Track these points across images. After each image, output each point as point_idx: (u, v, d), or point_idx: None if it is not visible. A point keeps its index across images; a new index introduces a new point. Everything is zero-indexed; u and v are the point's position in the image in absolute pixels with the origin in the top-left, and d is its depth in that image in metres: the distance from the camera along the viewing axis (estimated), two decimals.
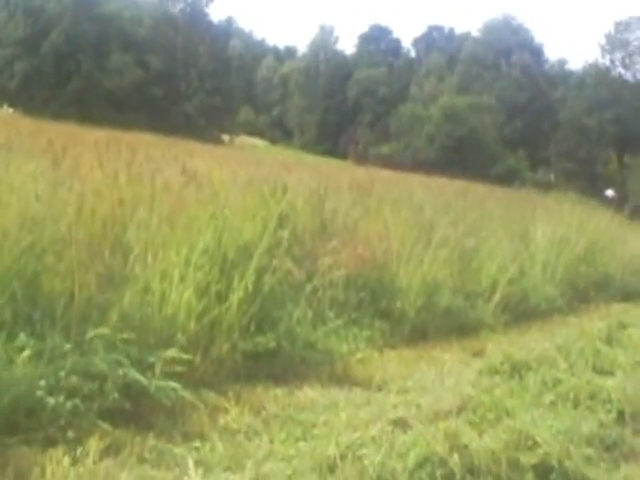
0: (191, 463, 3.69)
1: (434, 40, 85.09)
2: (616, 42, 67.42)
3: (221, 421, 4.71)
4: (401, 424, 4.56)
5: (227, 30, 69.54)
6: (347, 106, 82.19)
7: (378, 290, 7.79)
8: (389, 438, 4.20)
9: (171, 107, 50.02)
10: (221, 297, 5.56)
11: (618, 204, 25.08)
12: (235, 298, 5.57)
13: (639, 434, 5.38)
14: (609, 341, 8.08)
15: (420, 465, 3.78)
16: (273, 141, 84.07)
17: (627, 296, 13.04)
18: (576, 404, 5.55)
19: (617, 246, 14.91)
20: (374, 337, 7.22)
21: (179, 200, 6.17)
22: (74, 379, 4.20)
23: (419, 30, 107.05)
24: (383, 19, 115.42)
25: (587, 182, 57.06)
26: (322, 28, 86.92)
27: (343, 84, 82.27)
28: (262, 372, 5.64)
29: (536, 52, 74.78)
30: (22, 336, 4.26)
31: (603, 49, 68.43)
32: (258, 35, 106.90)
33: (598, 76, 67.33)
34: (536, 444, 4.14)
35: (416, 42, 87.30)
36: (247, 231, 5.99)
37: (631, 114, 62.46)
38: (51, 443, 3.93)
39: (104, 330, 4.40)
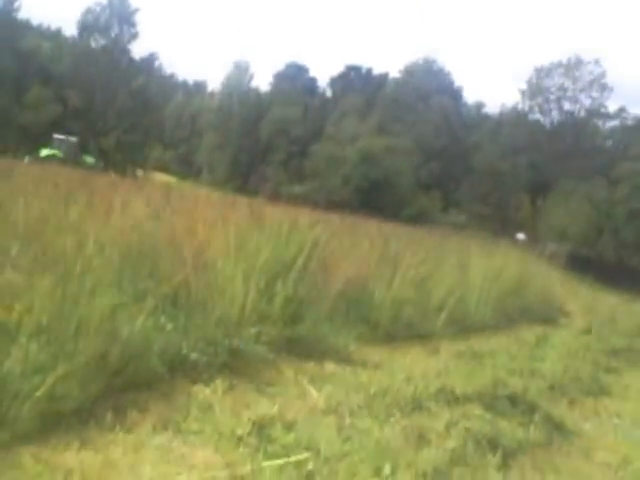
0: (311, 387, 6.14)
1: (351, 80, 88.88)
2: (536, 88, 72.49)
3: (284, 377, 7.20)
4: (411, 380, 7.21)
5: (149, 67, 71.61)
6: (260, 144, 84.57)
7: (359, 302, 10.43)
8: (411, 383, 6.84)
9: (87, 142, 51.64)
10: (269, 299, 8.10)
11: (529, 247, 28.17)
12: (279, 300, 8.12)
13: (563, 397, 8.23)
14: (538, 344, 11.15)
15: (439, 392, 6.46)
16: (180, 177, 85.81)
17: (544, 320, 16.30)
18: (521, 376, 8.38)
19: (538, 280, 18.19)
20: (358, 337, 9.77)
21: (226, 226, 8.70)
22: (201, 344, 6.64)
23: (336, 69, 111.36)
24: (300, 57, 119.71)
25: (498, 225, 61.24)
26: (237, 65, 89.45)
27: (257, 122, 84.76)
28: (296, 351, 8.11)
29: (455, 95, 79.89)
30: (163, 318, 6.64)
31: (523, 94, 73.45)
32: (167, 69, 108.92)
33: (516, 121, 72.14)
34: (507, 384, 6.91)
35: (333, 82, 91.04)
36: (288, 252, 8.57)
37: (546, 159, 67.42)
38: (194, 381, 6.35)
39: (229, 311, 6.90)
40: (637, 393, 9.54)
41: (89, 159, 44.07)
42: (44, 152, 43.13)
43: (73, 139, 47.69)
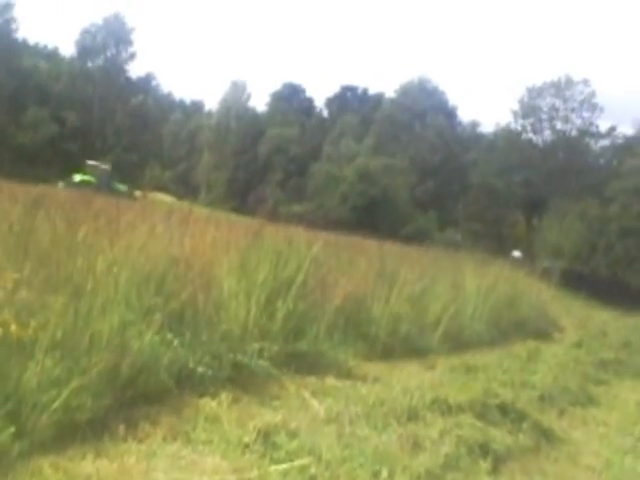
0: (313, 399, 6.43)
1: (347, 100, 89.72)
2: (528, 108, 73.14)
3: (286, 391, 7.47)
4: (407, 391, 7.48)
5: (146, 86, 72.42)
6: (257, 164, 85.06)
7: (358, 319, 10.71)
8: (407, 394, 7.13)
9: (85, 162, 52.05)
10: (270, 315, 8.38)
11: (525, 264, 28.40)
12: (280, 316, 8.40)
13: (552, 408, 8.52)
14: (529, 358, 11.48)
15: (433, 402, 6.75)
16: (178, 197, 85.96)
17: (538, 335, 16.65)
18: (512, 387, 8.66)
19: (531, 296, 18.52)
20: (357, 352, 10.07)
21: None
22: (206, 359, 6.91)
23: (332, 90, 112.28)
24: (296, 77, 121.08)
25: (494, 243, 61.44)
26: (234, 84, 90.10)
27: (254, 142, 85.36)
28: (297, 366, 8.36)
29: (450, 114, 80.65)
30: (169, 335, 6.91)
31: (516, 114, 74.11)
32: (164, 89, 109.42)
33: (509, 140, 72.76)
34: (497, 394, 7.19)
35: (329, 102, 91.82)
36: (287, 269, 8.86)
37: (540, 177, 68.07)
38: (201, 395, 6.62)
39: (232, 327, 7.18)
40: (624, 403, 9.84)
41: (121, 187, 45.39)
42: (78, 177, 44.17)
43: (106, 166, 48.90)
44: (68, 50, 74.00)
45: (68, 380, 5.11)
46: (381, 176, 68.86)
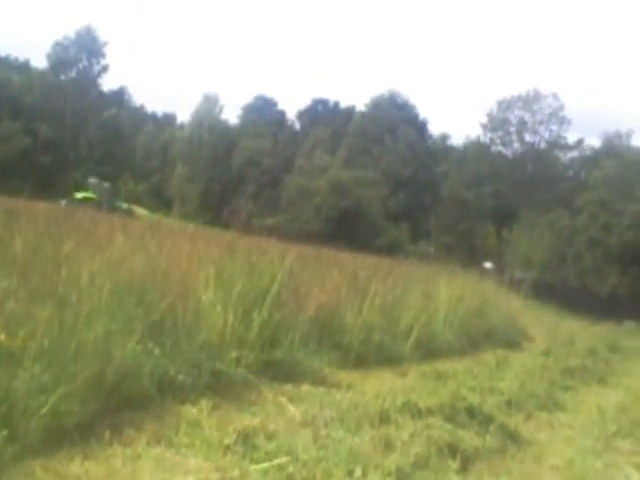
0: (289, 404, 6.72)
1: (319, 113, 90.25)
2: (497, 121, 74.05)
3: (263, 397, 7.74)
4: (379, 396, 7.79)
5: (118, 99, 72.49)
6: (231, 176, 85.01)
7: (331, 328, 11.00)
8: (379, 399, 7.44)
9: (59, 175, 52.16)
10: (246, 325, 8.66)
11: (497, 275, 28.87)
12: (256, 325, 8.68)
13: (519, 412, 8.87)
14: (498, 366, 11.84)
15: (404, 406, 7.07)
16: (152, 209, 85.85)
17: (508, 344, 17.06)
18: (481, 393, 8.99)
19: (501, 306, 18.95)
20: (331, 361, 10.36)
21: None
22: (186, 367, 7.18)
23: (304, 102, 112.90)
24: (268, 90, 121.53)
25: (466, 254, 62.13)
26: (206, 97, 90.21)
27: (227, 154, 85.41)
28: (274, 374, 8.65)
29: (420, 128, 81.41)
30: (150, 344, 7.17)
31: (485, 127, 74.98)
32: (137, 101, 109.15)
33: (479, 152, 73.63)
34: (465, 398, 7.51)
35: (301, 114, 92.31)
36: (262, 281, 9.15)
37: (509, 189, 69.01)
38: (182, 401, 6.88)
39: (210, 336, 7.46)
40: (589, 407, 10.22)
41: (122, 204, 46.43)
42: (80, 195, 44.77)
43: (107, 184, 49.52)
44: (40, 63, 73.92)
45: (56, 387, 5.35)
46: (353, 188, 69.25)
